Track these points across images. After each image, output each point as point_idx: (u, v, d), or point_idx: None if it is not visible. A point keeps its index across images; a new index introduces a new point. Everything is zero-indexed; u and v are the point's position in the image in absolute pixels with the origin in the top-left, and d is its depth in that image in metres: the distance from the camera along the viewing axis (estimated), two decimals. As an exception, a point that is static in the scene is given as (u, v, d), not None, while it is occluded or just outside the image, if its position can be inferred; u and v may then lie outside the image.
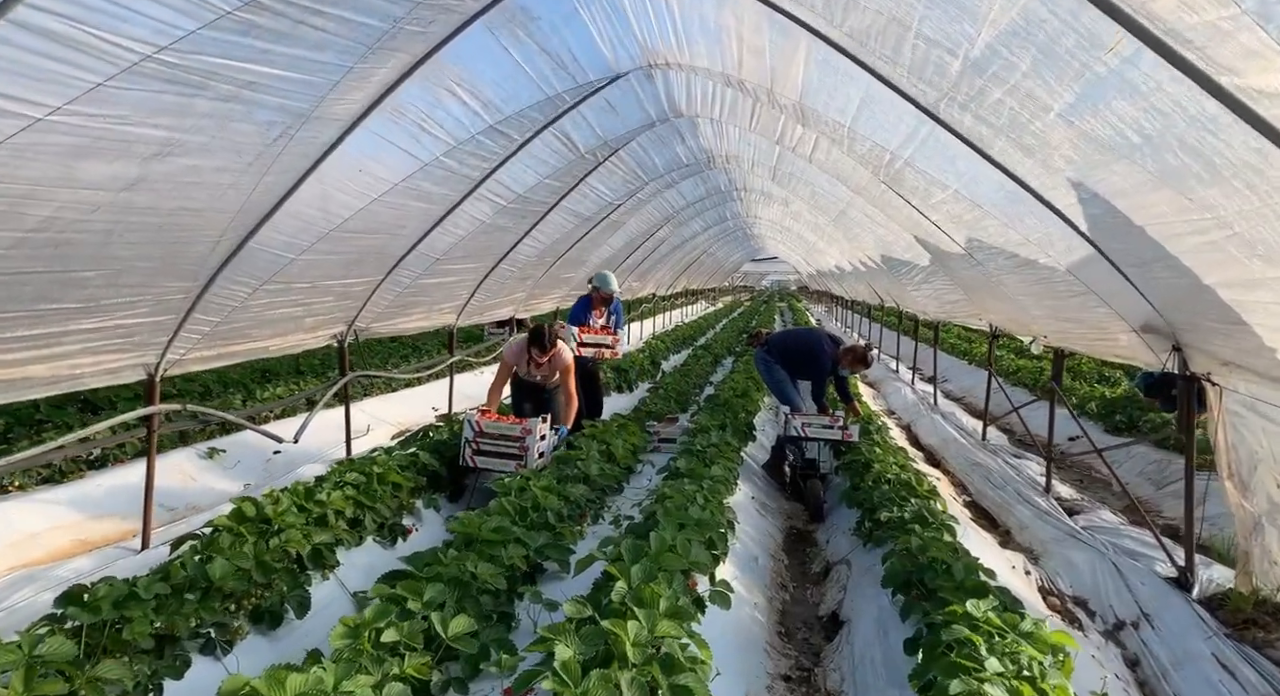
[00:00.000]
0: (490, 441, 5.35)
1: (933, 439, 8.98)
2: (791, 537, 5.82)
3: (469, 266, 7.98)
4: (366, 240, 5.70)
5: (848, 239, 12.66)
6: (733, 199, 15.83)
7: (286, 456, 6.86)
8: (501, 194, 6.93)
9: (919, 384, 12.74)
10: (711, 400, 8.33)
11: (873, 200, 7.61)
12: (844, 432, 6.25)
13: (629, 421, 6.62)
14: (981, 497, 6.68)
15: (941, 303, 9.67)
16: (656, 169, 9.85)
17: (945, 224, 5.98)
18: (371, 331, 7.19)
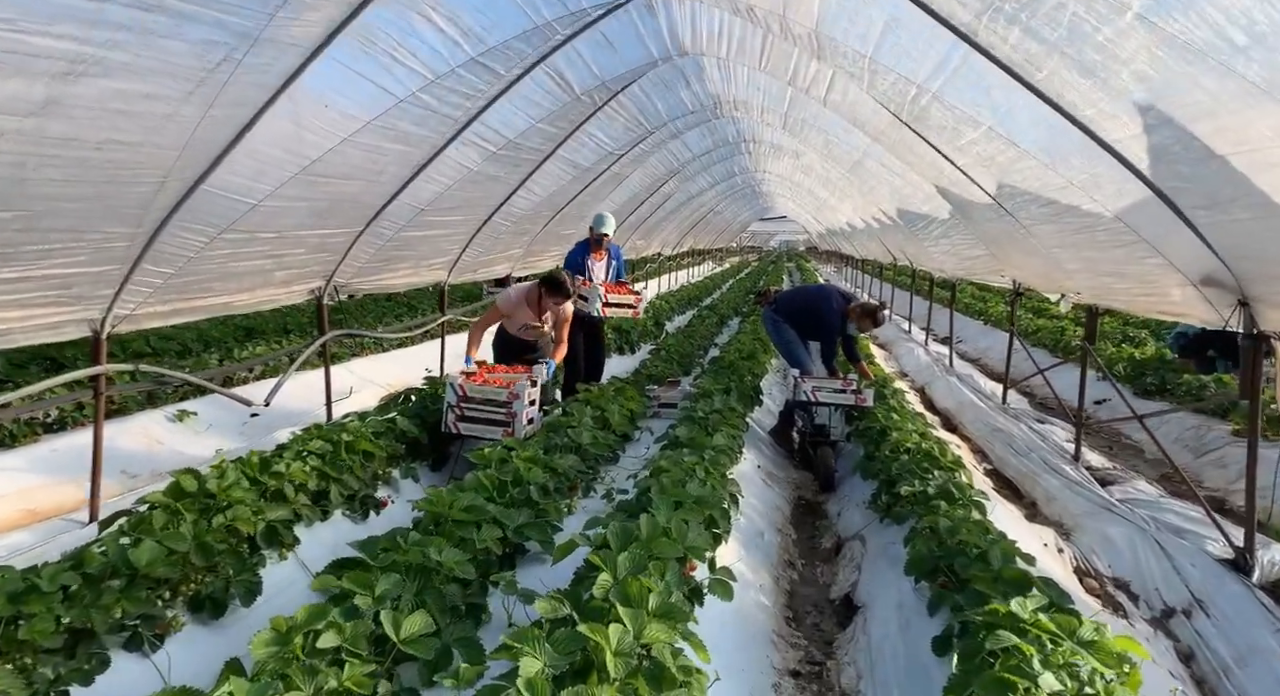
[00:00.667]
0: (475, 406, 4.92)
1: (949, 402, 8.53)
2: (800, 509, 5.41)
3: (458, 219, 7.49)
4: (340, 186, 5.22)
5: (861, 193, 12.08)
6: (741, 152, 15.21)
7: (265, 419, 6.46)
8: (490, 139, 6.42)
9: (933, 345, 12.26)
10: (716, 362, 7.88)
11: (891, 147, 7.07)
12: (857, 397, 5.80)
13: (627, 385, 6.19)
14: (1004, 466, 6.25)
15: (960, 259, 9.15)
16: (660, 116, 9.28)
17: (973, 169, 5.45)
18: (352, 287, 6.73)
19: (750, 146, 14.54)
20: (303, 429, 4.36)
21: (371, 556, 2.65)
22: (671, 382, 6.70)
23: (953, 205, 7.47)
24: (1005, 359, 10.95)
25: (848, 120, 7.46)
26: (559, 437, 4.47)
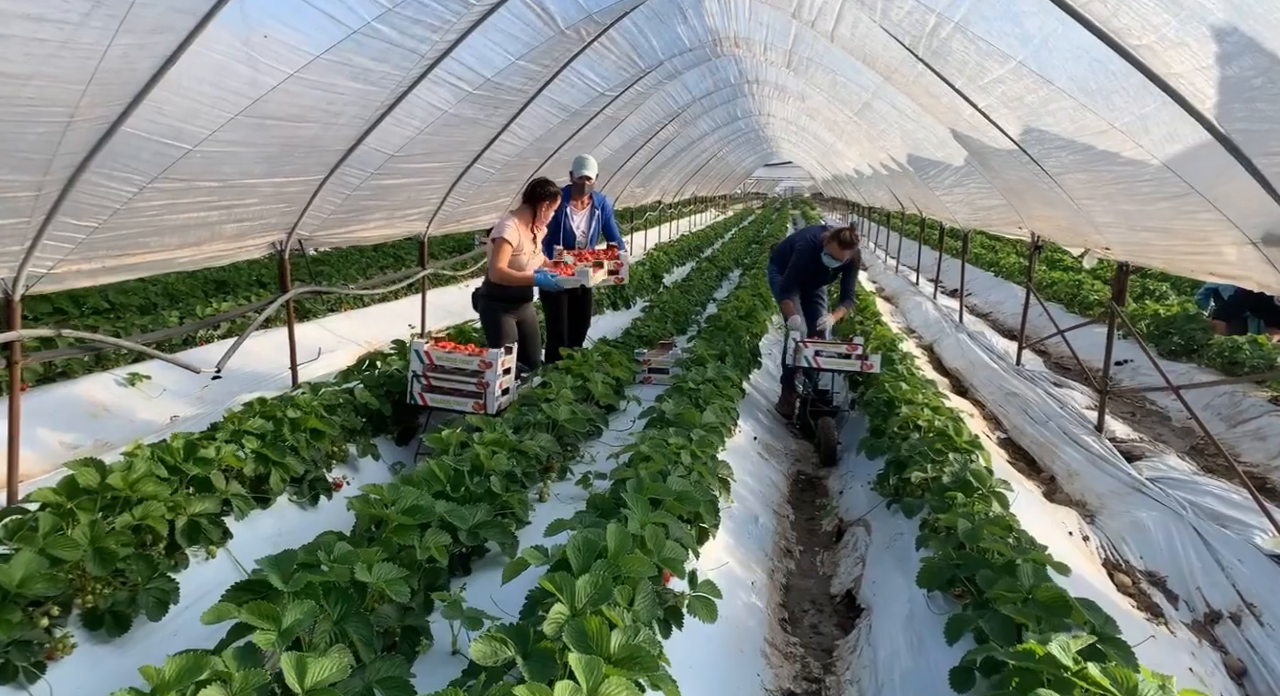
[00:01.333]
0: (443, 376, 4.47)
1: (959, 362, 8.08)
2: (799, 486, 5.00)
3: (436, 166, 6.94)
4: (291, 129, 4.69)
5: (869, 139, 11.44)
6: (744, 94, 14.49)
7: (228, 382, 6.03)
8: (465, 78, 5.85)
9: (942, 298, 11.75)
10: (713, 321, 7.41)
11: (904, 87, 6.47)
12: (863, 363, 5.34)
13: (614, 349, 5.72)
14: (1019, 435, 5.82)
15: (974, 209, 8.59)
16: (655, 54, 8.64)
17: (996, 111, 4.90)
18: (318, 240, 6.23)
19: (753, 88, 13.83)
20: (244, 403, 3.91)
21: (285, 576, 2.22)
22: (664, 345, 6.24)
23: (969, 151, 6.90)
24: (1018, 315, 10.49)
25: (857, 58, 6.85)
26: (533, 414, 4.03)
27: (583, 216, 6.30)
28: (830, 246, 5.68)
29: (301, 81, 4.34)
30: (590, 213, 6.36)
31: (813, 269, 5.91)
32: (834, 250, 5.66)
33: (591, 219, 6.36)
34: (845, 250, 5.62)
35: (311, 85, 4.42)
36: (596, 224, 6.43)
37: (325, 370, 6.78)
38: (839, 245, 5.63)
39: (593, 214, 6.36)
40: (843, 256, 5.66)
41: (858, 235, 5.71)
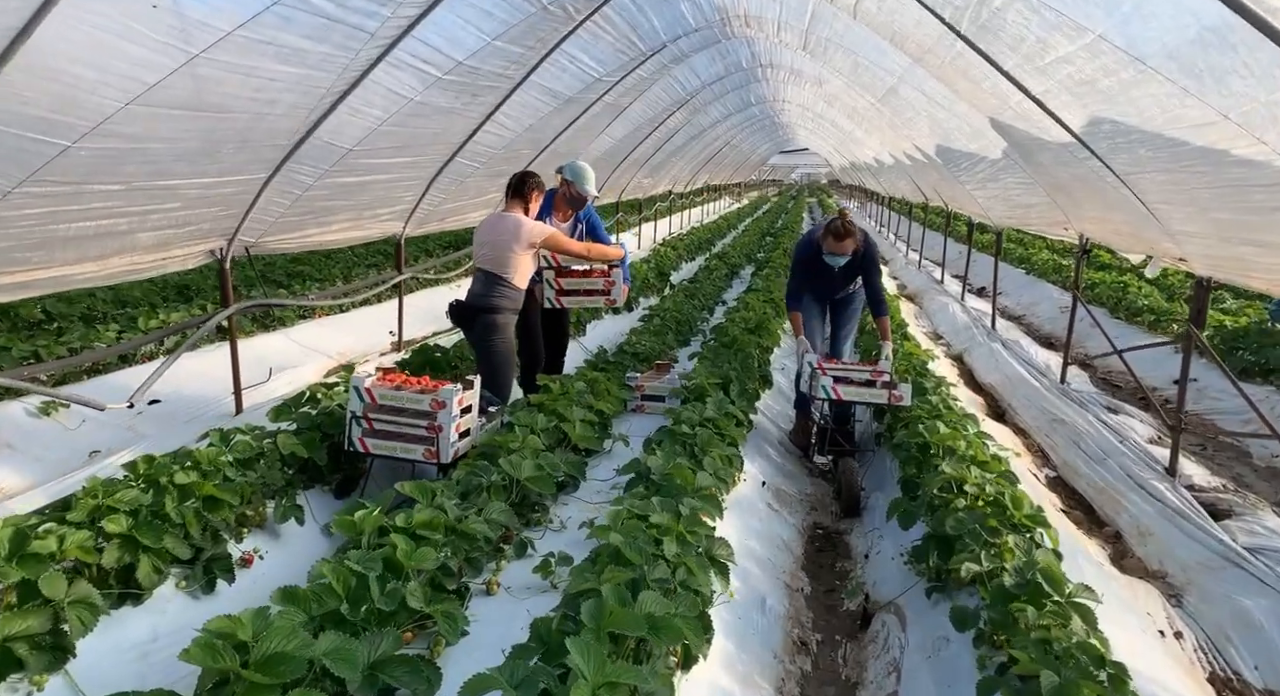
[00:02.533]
0: (388, 418, 3.73)
1: (994, 377, 7.26)
2: (816, 543, 4.23)
3: (408, 161, 6.19)
4: (212, 121, 3.94)
5: (893, 127, 10.58)
6: (757, 79, 13.62)
7: (164, 409, 5.32)
8: (433, 61, 5.08)
9: (970, 299, 10.89)
10: (719, 333, 6.62)
11: (938, 70, 5.64)
12: (890, 393, 4.56)
13: (600, 375, 4.94)
14: (1072, 474, 5.02)
15: (1011, 206, 7.75)
16: (657, 35, 7.82)
17: (1055, 97, 4.07)
18: (269, 246, 5.50)
19: (766, 73, 12.96)
20: (125, 464, 3.17)
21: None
22: (661, 366, 5.47)
23: (1010, 144, 6.06)
24: (1055, 320, 9.64)
25: (884, 37, 6.01)
26: (487, 473, 3.27)
27: (566, 228, 5.52)
28: (826, 242, 4.89)
29: (214, 64, 3.59)
30: (574, 224, 5.57)
31: (817, 272, 5.12)
32: (830, 245, 4.87)
33: (575, 231, 5.57)
34: (842, 242, 4.81)
35: (228, 68, 3.66)
36: (580, 232, 5.64)
37: (288, 388, 6.07)
38: (833, 237, 4.84)
39: (576, 226, 5.58)
40: (843, 249, 4.85)
41: (852, 221, 4.92)
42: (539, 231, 4.67)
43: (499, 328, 4.57)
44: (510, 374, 5.00)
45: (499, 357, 4.58)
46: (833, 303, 5.49)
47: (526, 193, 4.75)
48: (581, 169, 5.51)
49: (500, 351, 4.56)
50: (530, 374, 5.44)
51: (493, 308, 4.59)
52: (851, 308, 5.45)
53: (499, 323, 4.57)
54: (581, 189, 5.44)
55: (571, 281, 5.33)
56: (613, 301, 5.37)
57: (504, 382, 4.92)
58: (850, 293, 5.32)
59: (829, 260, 4.95)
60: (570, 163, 5.61)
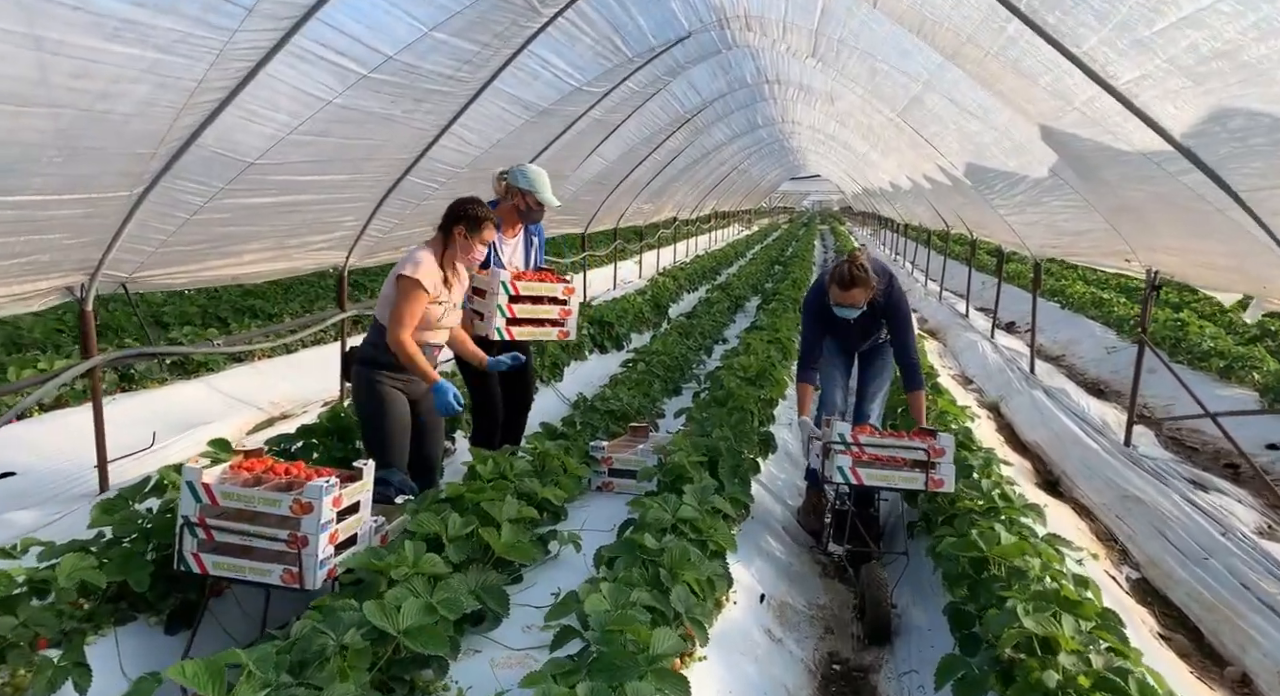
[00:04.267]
0: (233, 527, 2.67)
1: (1039, 433, 6.15)
2: (832, 686, 3.12)
3: (343, 179, 5.19)
4: (30, 121, 2.94)
5: (912, 146, 9.56)
6: (763, 97, 12.68)
7: (17, 485, 4.29)
8: (352, 53, 4.09)
9: (1000, 336, 9.79)
10: (715, 383, 5.55)
11: (976, 66, 4.61)
12: (928, 476, 3.47)
13: (555, 446, 3.86)
14: (1162, 577, 3.90)
15: (1055, 232, 6.69)
16: (644, 38, 6.84)
17: (1158, 84, 3.02)
18: (151, 282, 4.49)
19: (773, 90, 12.02)
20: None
21: None
22: (638, 430, 4.39)
23: (1066, 158, 5.01)
24: (1100, 361, 8.52)
25: (910, 28, 4.99)
26: (335, 628, 2.20)
27: (515, 245, 4.49)
28: (831, 290, 3.91)
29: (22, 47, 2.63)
30: (525, 241, 4.55)
31: (830, 325, 4.15)
32: (836, 294, 3.89)
33: (529, 250, 4.55)
34: (849, 291, 3.82)
35: (28, 43, 2.67)
36: (536, 256, 4.61)
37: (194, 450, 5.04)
38: (838, 286, 3.85)
39: (529, 243, 4.56)
40: (852, 300, 3.86)
41: (864, 264, 3.87)
42: (402, 265, 3.62)
43: (364, 383, 3.60)
44: (439, 443, 3.96)
45: (371, 423, 3.60)
46: (859, 354, 4.44)
47: (450, 227, 3.70)
48: (533, 172, 4.44)
49: (371, 414, 3.57)
50: (487, 435, 4.40)
51: (358, 357, 3.66)
52: (881, 360, 4.39)
53: (364, 377, 3.60)
54: (540, 197, 4.39)
55: (526, 309, 4.26)
56: (565, 334, 4.33)
57: (430, 452, 3.88)
58: (878, 342, 4.27)
59: (840, 313, 3.96)
60: (517, 166, 4.54)
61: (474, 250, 3.66)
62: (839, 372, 4.47)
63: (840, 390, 4.48)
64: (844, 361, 4.45)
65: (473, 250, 3.66)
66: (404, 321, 3.52)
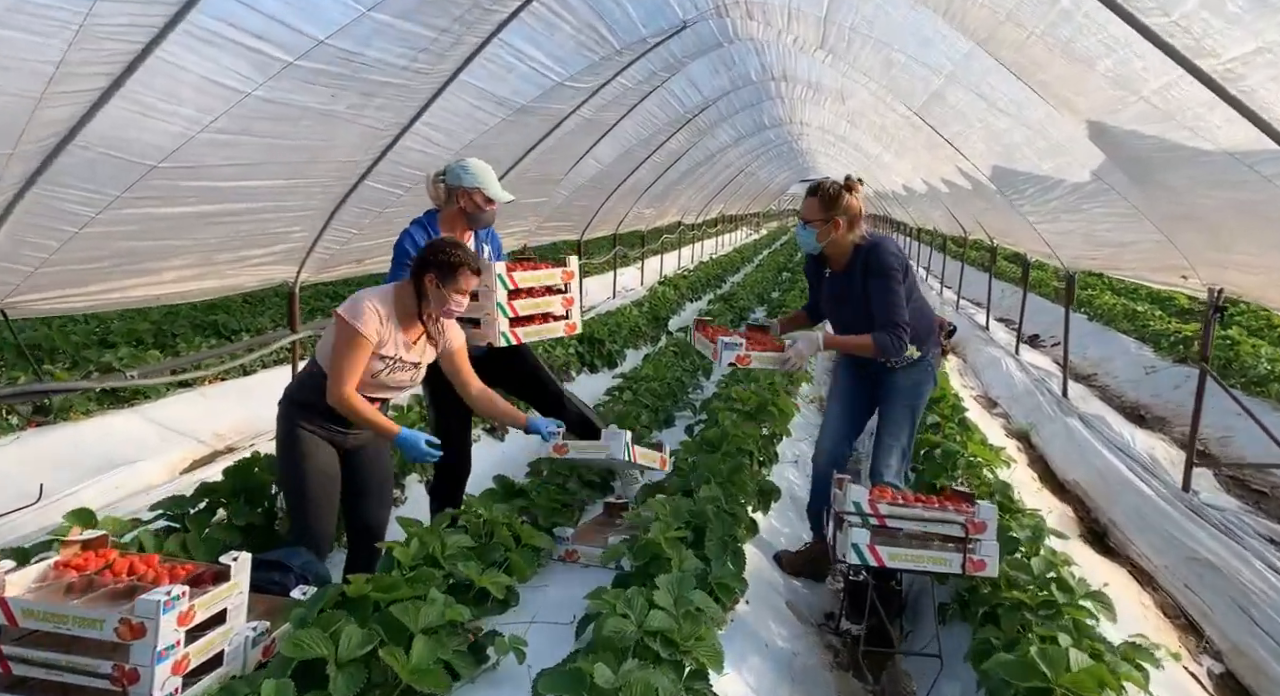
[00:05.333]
0: (38, 652, 1.99)
1: (1079, 471, 5.42)
2: None
3: (280, 184, 4.51)
4: None
5: (930, 148, 8.85)
6: (770, 96, 11.98)
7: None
8: (271, 35, 3.42)
9: (1026, 352, 9.05)
10: (710, 412, 4.86)
11: (1016, 50, 3.90)
12: (967, 556, 2.76)
13: (508, 515, 3.15)
14: (1254, 673, 3.18)
15: (1095, 244, 5.97)
16: (634, 27, 6.14)
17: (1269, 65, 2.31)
18: (32, 308, 3.83)
19: (780, 88, 11.32)
20: None
21: None
22: (614, 510, 3.65)
23: (1117, 158, 4.30)
24: (1137, 382, 7.78)
25: (936, 9, 4.29)
26: None
27: None
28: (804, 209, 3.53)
29: None
30: (478, 247, 3.87)
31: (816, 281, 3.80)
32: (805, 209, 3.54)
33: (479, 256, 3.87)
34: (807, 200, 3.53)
35: None
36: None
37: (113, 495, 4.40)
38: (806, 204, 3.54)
39: (480, 250, 3.88)
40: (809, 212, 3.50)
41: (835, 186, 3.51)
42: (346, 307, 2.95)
43: (283, 430, 3.00)
44: (384, 503, 3.29)
45: (286, 483, 3.01)
46: (875, 385, 3.71)
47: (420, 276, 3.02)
48: (475, 165, 3.69)
49: (286, 472, 2.96)
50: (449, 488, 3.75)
51: (285, 394, 3.09)
52: (896, 388, 3.64)
53: (284, 422, 3.00)
54: (488, 192, 3.65)
55: (527, 304, 3.63)
56: (573, 327, 3.82)
57: (370, 516, 3.22)
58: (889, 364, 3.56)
59: (803, 237, 3.56)
60: (455, 162, 3.83)
61: (450, 303, 2.95)
62: (851, 410, 3.77)
63: (849, 436, 3.78)
64: (856, 394, 3.75)
65: (448, 303, 2.95)
66: (343, 376, 2.87)
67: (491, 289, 3.46)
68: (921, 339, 3.54)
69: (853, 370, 3.79)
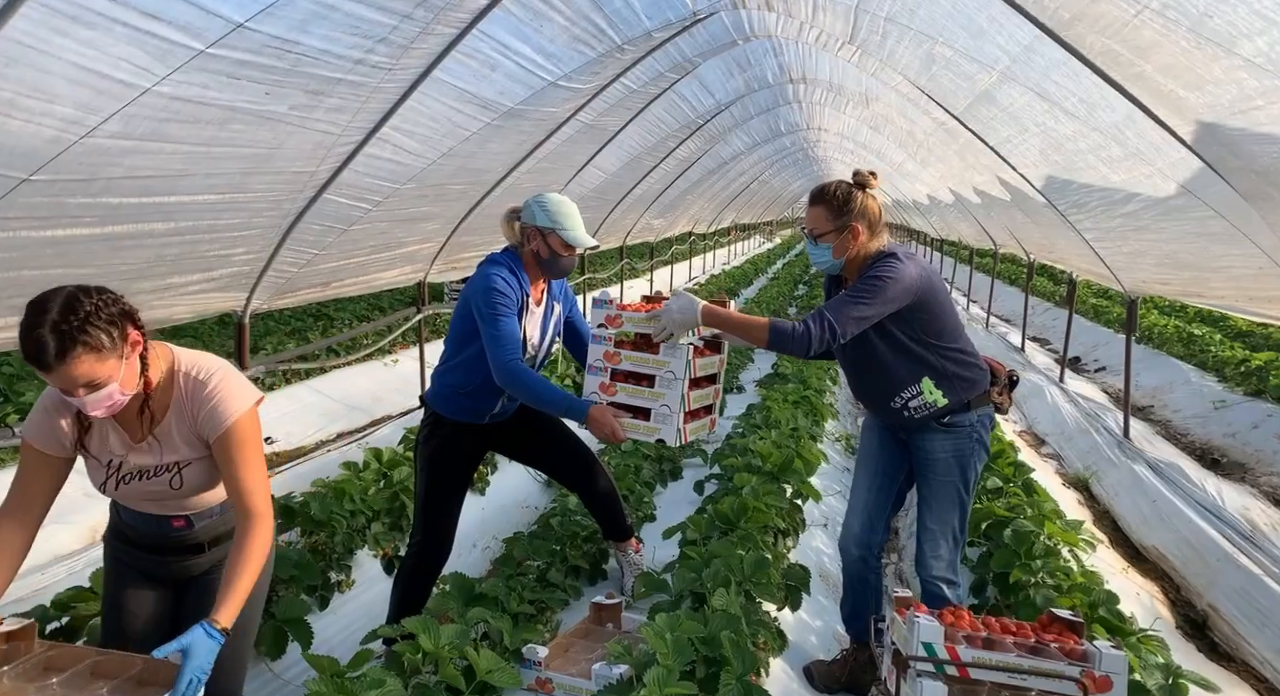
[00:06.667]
0: None
1: (1159, 535, 4.61)
2: None
3: (210, 201, 3.78)
4: None
5: (963, 155, 8.06)
6: (787, 101, 11.23)
7: None
8: (175, 18, 2.69)
9: (1071, 379, 8.23)
10: (724, 468, 4.09)
11: (1115, 34, 3.12)
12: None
13: (455, 639, 2.39)
14: None
15: (1174, 267, 5.16)
16: (636, 18, 5.37)
17: None
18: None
19: (799, 91, 10.57)
20: None
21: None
22: (603, 611, 2.88)
23: (1228, 168, 3.51)
24: (1202, 418, 6.95)
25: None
26: None
27: (536, 317, 3.14)
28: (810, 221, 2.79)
29: None
30: (548, 305, 3.18)
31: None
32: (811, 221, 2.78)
33: (549, 315, 3.19)
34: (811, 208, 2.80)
35: None
36: (558, 324, 3.24)
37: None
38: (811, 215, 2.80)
39: (550, 307, 3.18)
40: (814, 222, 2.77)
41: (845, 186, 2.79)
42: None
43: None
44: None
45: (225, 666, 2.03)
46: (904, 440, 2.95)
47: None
48: (554, 202, 3.03)
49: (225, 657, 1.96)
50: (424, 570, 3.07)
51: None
52: (932, 459, 2.84)
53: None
54: (566, 237, 2.97)
55: (697, 395, 2.94)
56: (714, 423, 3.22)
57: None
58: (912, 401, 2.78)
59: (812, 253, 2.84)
60: (533, 197, 3.12)
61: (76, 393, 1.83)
62: (882, 481, 3.02)
63: (883, 514, 3.03)
64: (886, 461, 3.00)
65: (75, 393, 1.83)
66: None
67: (678, 376, 2.78)
68: (955, 387, 2.76)
69: (878, 430, 3.05)
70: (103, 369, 1.78)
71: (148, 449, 2.03)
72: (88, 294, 1.80)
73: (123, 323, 1.85)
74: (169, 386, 2.02)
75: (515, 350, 2.88)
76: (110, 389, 1.81)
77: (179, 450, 2.04)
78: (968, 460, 2.84)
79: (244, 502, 2.00)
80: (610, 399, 2.88)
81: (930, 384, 2.72)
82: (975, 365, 2.84)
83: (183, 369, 2.03)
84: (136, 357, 1.89)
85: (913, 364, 2.73)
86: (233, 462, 2.00)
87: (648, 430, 2.82)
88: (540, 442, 3.28)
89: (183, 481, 2.07)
